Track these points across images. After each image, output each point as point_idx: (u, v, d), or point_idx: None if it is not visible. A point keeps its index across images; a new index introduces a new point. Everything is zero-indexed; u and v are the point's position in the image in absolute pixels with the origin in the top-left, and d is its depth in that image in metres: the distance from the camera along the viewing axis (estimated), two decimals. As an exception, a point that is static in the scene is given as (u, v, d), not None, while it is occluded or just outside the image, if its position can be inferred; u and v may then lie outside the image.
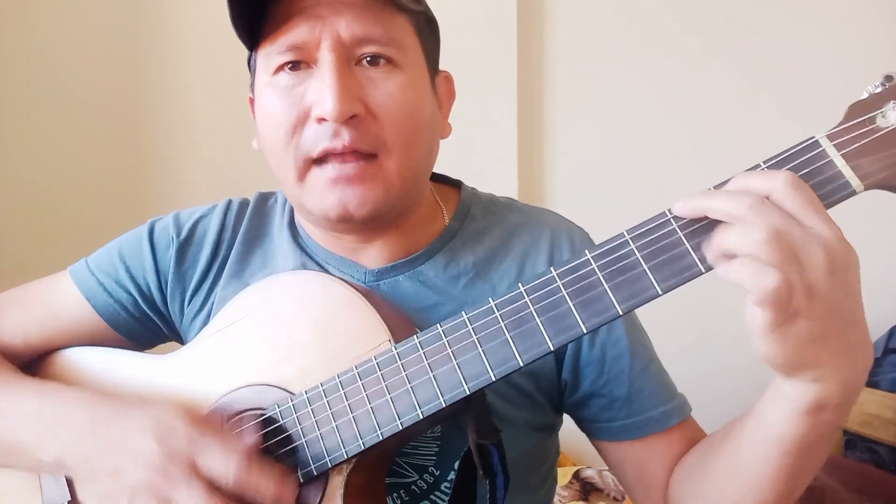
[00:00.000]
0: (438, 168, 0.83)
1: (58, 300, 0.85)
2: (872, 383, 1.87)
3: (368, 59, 0.70)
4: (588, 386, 0.78)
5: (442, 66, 0.81)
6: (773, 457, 0.59)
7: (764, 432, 0.59)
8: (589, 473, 1.87)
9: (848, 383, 0.53)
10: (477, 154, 1.98)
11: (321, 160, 0.71)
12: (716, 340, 2.06)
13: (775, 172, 0.52)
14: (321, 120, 0.69)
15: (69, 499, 0.73)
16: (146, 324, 0.85)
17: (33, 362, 0.84)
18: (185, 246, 0.84)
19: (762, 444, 0.60)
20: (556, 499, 1.51)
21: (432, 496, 0.76)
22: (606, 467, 1.91)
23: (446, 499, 0.75)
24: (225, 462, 0.61)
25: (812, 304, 0.49)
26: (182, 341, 0.87)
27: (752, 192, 0.52)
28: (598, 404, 0.78)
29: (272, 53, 0.71)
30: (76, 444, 0.68)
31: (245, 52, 0.78)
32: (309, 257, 0.81)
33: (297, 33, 0.69)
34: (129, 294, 0.83)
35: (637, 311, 0.81)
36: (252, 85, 0.78)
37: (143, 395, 0.75)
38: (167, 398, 0.74)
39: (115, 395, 0.72)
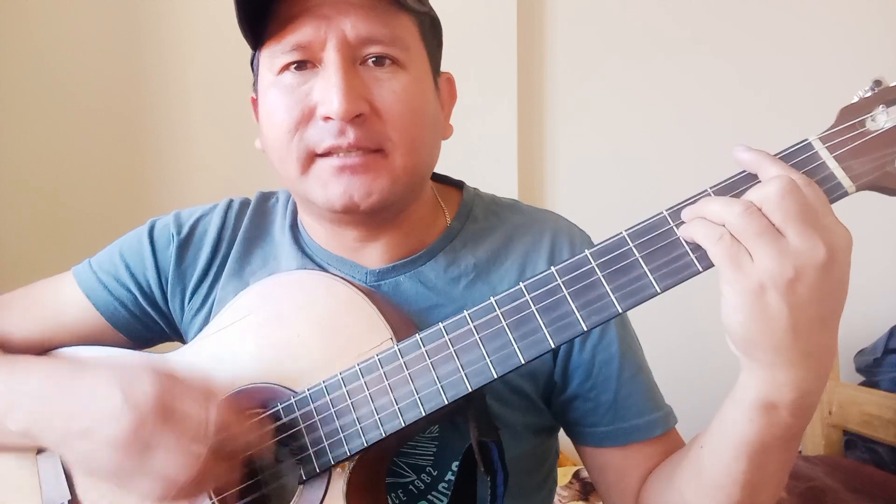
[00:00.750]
0: (439, 168, 0.83)
1: (60, 299, 0.85)
2: (872, 383, 1.87)
3: (373, 59, 0.70)
4: (575, 388, 0.78)
5: (442, 66, 0.81)
6: (729, 459, 0.60)
7: (721, 433, 0.61)
8: (589, 473, 1.87)
9: (801, 386, 0.55)
10: (477, 154, 1.99)
11: (325, 153, 0.71)
12: (709, 342, 2.06)
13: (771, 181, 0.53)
14: (327, 119, 0.69)
15: (69, 498, 0.73)
16: (146, 322, 0.86)
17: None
18: (185, 244, 0.84)
19: (720, 445, 0.61)
20: (556, 499, 1.52)
21: (430, 496, 0.76)
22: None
23: (444, 499, 0.75)
24: (200, 405, 0.61)
25: (793, 288, 0.51)
26: (183, 340, 0.87)
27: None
28: (583, 408, 0.78)
29: (277, 53, 0.71)
30: (39, 412, 0.67)
31: (246, 53, 0.78)
32: (309, 259, 0.82)
33: (302, 33, 0.69)
34: (130, 292, 0.84)
35: (632, 314, 0.82)
36: (255, 85, 0.78)
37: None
38: None
39: (79, 361, 0.71)
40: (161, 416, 0.60)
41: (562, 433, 0.87)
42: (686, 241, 0.56)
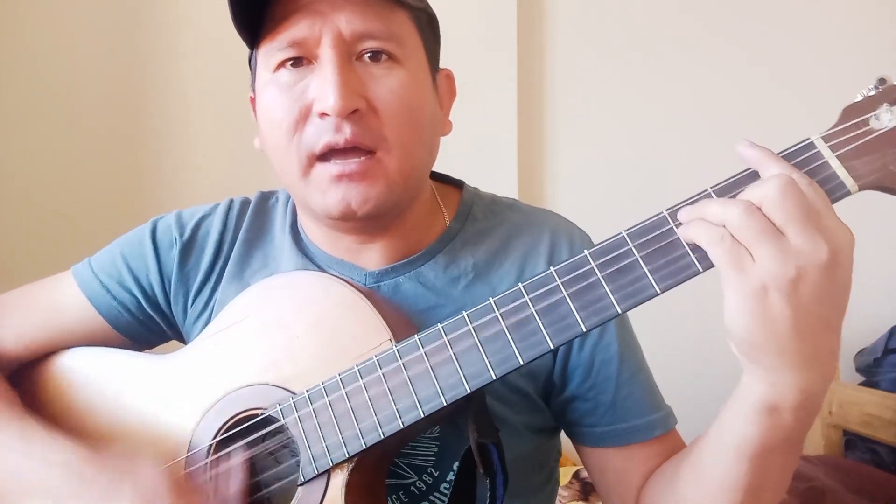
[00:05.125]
0: (438, 168, 0.83)
1: (60, 301, 0.85)
2: (872, 383, 1.87)
3: (369, 54, 0.70)
4: (574, 388, 0.78)
5: (442, 65, 0.81)
6: (731, 461, 0.59)
7: (723, 434, 0.60)
8: (589, 473, 1.87)
9: (805, 388, 0.54)
10: (477, 154, 1.98)
11: (324, 157, 0.70)
12: (710, 342, 2.06)
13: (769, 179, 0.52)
14: (323, 115, 0.69)
15: None
16: (148, 325, 0.85)
17: (35, 363, 0.84)
18: (188, 247, 0.84)
19: (721, 447, 0.60)
20: (556, 499, 1.51)
21: (431, 497, 0.76)
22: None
23: (445, 500, 0.75)
24: None
25: (796, 288, 0.50)
26: (185, 342, 0.87)
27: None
28: (582, 408, 0.78)
29: (273, 50, 0.71)
30: None
31: (245, 51, 0.78)
32: (309, 260, 0.81)
33: (297, 30, 0.69)
34: (132, 295, 0.83)
35: (633, 315, 0.82)
36: (253, 84, 0.78)
37: (131, 449, 0.73)
38: (166, 405, 0.74)
39: (98, 457, 0.69)
40: None
41: (562, 434, 0.87)
42: (686, 242, 0.56)
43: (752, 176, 0.55)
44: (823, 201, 0.52)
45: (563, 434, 0.87)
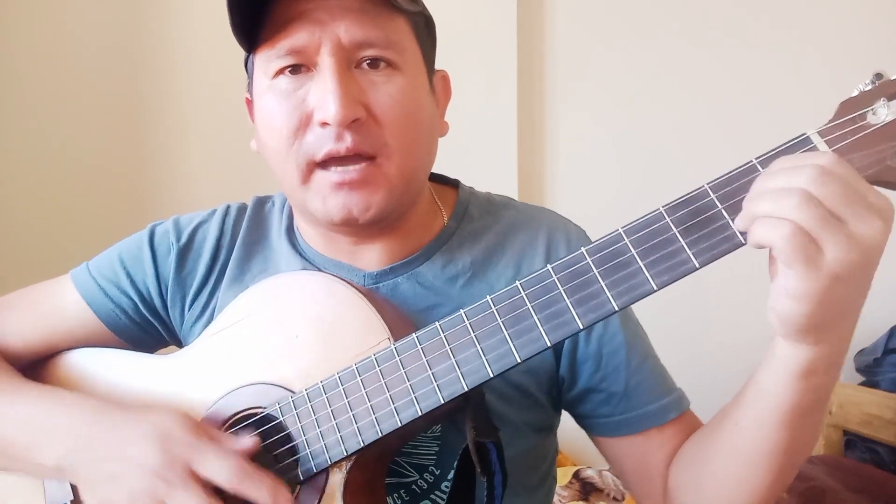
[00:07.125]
0: (438, 168, 0.83)
1: (59, 304, 0.85)
2: (872, 383, 1.87)
3: (368, 62, 0.70)
4: (585, 381, 0.78)
5: (442, 65, 0.82)
6: (771, 427, 0.61)
7: (762, 403, 0.61)
8: (589, 473, 1.87)
9: (836, 347, 0.56)
10: (477, 154, 1.99)
11: (324, 164, 0.71)
12: (714, 337, 2.06)
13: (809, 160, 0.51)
14: (324, 124, 0.69)
15: (72, 498, 0.73)
16: (146, 328, 0.86)
17: (35, 365, 0.84)
18: (185, 251, 0.84)
19: (760, 415, 0.61)
20: (556, 499, 1.51)
21: (433, 496, 0.76)
22: (606, 467, 1.91)
23: (446, 498, 0.75)
24: (222, 465, 0.62)
25: (863, 271, 0.51)
26: (181, 346, 0.87)
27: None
28: (596, 399, 0.78)
29: (272, 57, 0.71)
30: (75, 451, 0.69)
31: (241, 54, 0.78)
32: (308, 262, 0.82)
33: (297, 38, 0.69)
34: (130, 299, 0.84)
35: (635, 308, 0.82)
36: (249, 86, 0.78)
37: (143, 400, 0.76)
38: (167, 401, 0.75)
39: (114, 401, 0.73)
40: (186, 474, 0.63)
41: (561, 433, 0.87)
42: (682, 237, 0.55)
43: (752, 169, 0.55)
44: (855, 175, 0.51)
45: (561, 434, 0.87)
